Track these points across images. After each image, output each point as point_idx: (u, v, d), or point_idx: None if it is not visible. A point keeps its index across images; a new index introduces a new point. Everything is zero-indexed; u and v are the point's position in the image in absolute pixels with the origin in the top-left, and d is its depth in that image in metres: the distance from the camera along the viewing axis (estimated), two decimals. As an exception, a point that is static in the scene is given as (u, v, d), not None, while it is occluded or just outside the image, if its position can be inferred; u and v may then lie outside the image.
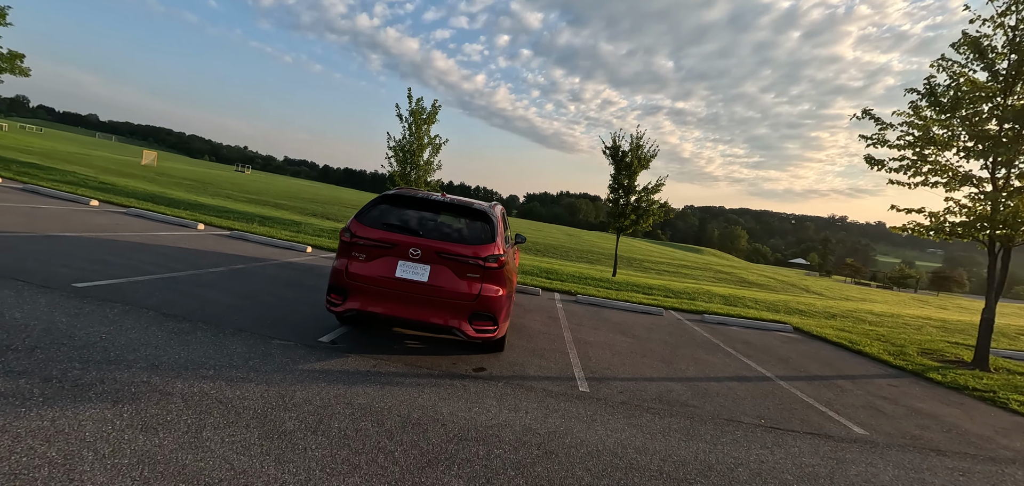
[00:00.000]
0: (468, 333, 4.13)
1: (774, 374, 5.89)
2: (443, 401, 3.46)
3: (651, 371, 5.23)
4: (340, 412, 2.99)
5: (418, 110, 18.32)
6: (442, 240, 4.17)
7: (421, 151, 18.82)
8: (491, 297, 4.21)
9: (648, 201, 17.54)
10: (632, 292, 11.75)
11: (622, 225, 17.74)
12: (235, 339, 3.92)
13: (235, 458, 2.30)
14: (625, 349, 6.02)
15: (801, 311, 12.67)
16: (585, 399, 4.05)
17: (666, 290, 13.18)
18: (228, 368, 3.32)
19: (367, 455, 2.56)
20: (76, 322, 3.59)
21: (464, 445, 2.88)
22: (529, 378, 4.33)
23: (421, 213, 4.41)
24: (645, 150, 17.52)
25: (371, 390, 3.42)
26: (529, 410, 3.58)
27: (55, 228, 7.03)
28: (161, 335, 3.68)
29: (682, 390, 4.73)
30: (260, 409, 2.83)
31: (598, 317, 7.89)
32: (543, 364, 4.80)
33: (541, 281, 10.74)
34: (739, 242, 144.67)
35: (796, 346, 7.94)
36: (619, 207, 17.59)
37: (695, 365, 5.76)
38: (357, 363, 3.90)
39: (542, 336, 5.94)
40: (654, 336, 7.08)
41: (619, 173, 17.36)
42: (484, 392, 3.77)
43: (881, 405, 5.25)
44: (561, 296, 9.49)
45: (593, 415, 3.71)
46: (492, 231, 4.37)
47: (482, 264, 4.14)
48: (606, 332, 6.83)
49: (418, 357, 4.32)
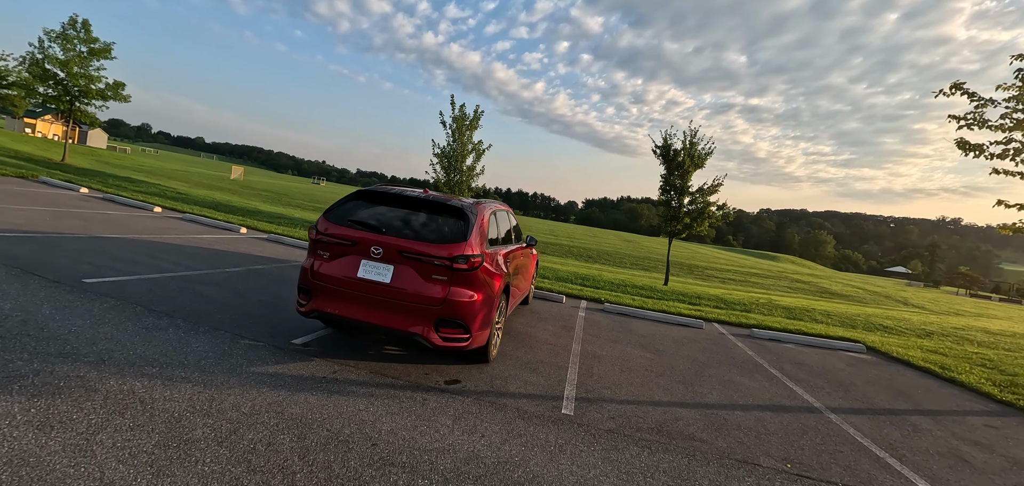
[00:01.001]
0: (433, 341, 3.77)
1: (824, 404, 4.86)
2: (389, 417, 3.12)
3: (662, 394, 4.51)
4: (264, 422, 2.76)
5: (461, 117, 18.50)
6: (406, 238, 3.85)
7: (464, 157, 18.98)
8: (461, 302, 3.82)
9: (704, 203, 16.19)
10: (675, 301, 10.70)
11: (675, 229, 16.51)
12: (203, 337, 3.90)
13: (112, 466, 2.12)
14: (640, 366, 5.31)
15: (886, 328, 10.76)
16: (563, 424, 3.51)
17: (718, 300, 11.89)
18: (175, 367, 3.25)
19: (262, 475, 2.28)
20: (58, 315, 3.75)
21: (384, 471, 2.51)
22: (506, 395, 3.86)
23: (391, 209, 4.13)
24: (700, 148, 16.21)
25: (314, 399, 3.17)
26: (487, 433, 3.14)
27: (106, 230, 7.78)
28: (132, 330, 3.74)
29: (694, 419, 3.99)
30: (178, 413, 2.68)
31: (622, 328, 7.16)
32: (531, 379, 4.31)
33: (572, 288, 10.12)
34: (824, 248, 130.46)
35: (865, 370, 6.61)
36: (671, 210, 16.41)
37: (721, 389, 4.92)
38: (317, 368, 3.70)
39: (545, 347, 5.42)
40: (682, 352, 6.24)
41: (671, 173, 16.18)
42: (443, 409, 3.39)
43: (968, 453, 4.08)
44: (588, 304, 8.82)
45: (563, 445, 3.17)
46: (465, 230, 3.98)
47: (449, 265, 3.77)
48: (624, 346, 6.13)
49: (389, 365, 4.04)
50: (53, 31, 17.18)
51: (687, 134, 16.12)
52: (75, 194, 11.26)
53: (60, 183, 12.04)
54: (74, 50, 17.45)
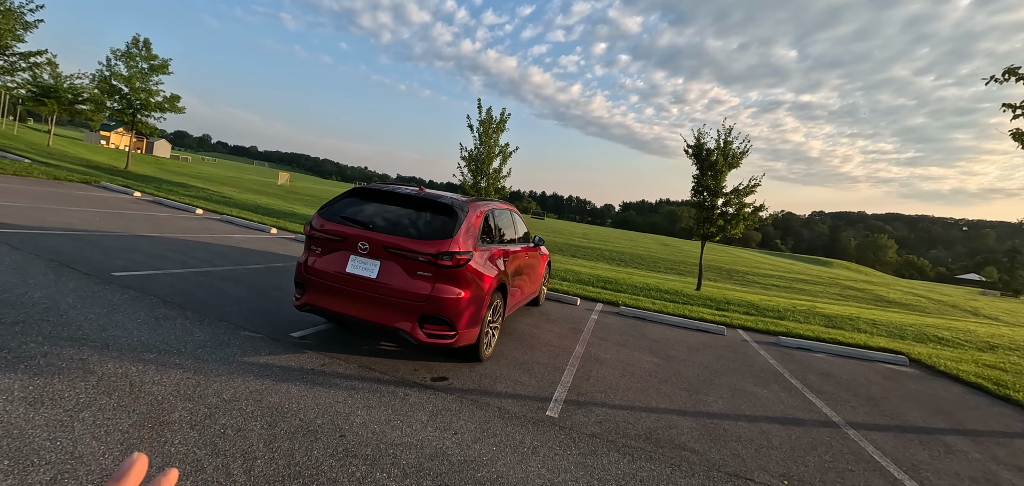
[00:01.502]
0: (418, 337, 3.78)
1: (844, 419, 4.46)
2: (366, 410, 3.16)
3: (660, 400, 4.31)
4: (240, 409, 2.87)
5: (487, 120, 18.66)
6: (392, 234, 3.89)
7: (491, 160, 19.12)
8: (446, 299, 3.81)
9: (739, 204, 15.46)
10: (701, 306, 10.23)
11: (708, 232, 15.88)
12: (207, 327, 4.11)
13: (86, 442, 2.27)
14: (643, 371, 5.10)
15: (942, 339, 9.78)
16: (544, 426, 3.42)
17: (749, 306, 11.26)
18: (172, 354, 3.45)
19: (224, 458, 2.36)
20: (80, 304, 4.08)
21: (344, 462, 2.54)
22: (492, 394, 3.82)
23: (383, 206, 4.20)
24: (735, 147, 15.52)
25: (295, 390, 3.26)
26: (460, 432, 3.11)
27: (147, 230, 8.41)
28: (142, 319, 4.00)
29: (689, 428, 3.78)
30: (162, 396, 2.83)
31: (634, 332, 6.92)
32: (522, 380, 4.24)
33: (590, 290, 9.90)
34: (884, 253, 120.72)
35: (903, 384, 6.02)
36: (704, 211, 15.79)
37: (730, 398, 4.63)
38: (307, 360, 3.81)
39: (545, 349, 5.32)
40: (694, 358, 5.94)
41: (703, 174, 15.60)
42: (422, 405, 3.39)
43: (1007, 479, 3.61)
44: (604, 307, 8.60)
45: (538, 447, 3.09)
46: (452, 227, 3.97)
47: (434, 261, 3.77)
48: (632, 350, 5.91)
49: (379, 360, 4.10)
50: (119, 50, 18.96)
51: (721, 132, 15.47)
52: (128, 197, 12.31)
53: (117, 188, 13.20)
54: (136, 67, 19.15)
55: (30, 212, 7.90)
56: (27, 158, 16.31)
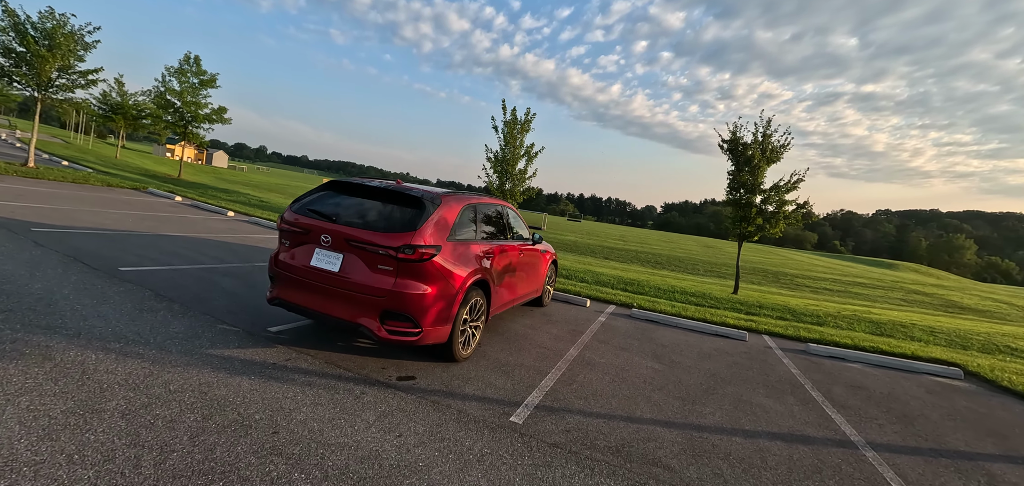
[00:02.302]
0: (379, 333, 3.65)
1: (866, 438, 3.87)
2: (312, 407, 3.06)
3: (648, 410, 3.93)
4: (181, 401, 2.84)
5: (512, 121, 18.53)
6: (355, 227, 3.79)
7: (516, 161, 18.96)
8: (408, 294, 3.66)
9: (779, 201, 14.42)
10: (727, 310, 9.51)
11: (745, 232, 14.94)
12: (186, 320, 4.19)
13: (9, 426, 2.29)
14: (637, 378, 4.72)
15: (1015, 350, 8.52)
16: (502, 432, 3.17)
17: (784, 311, 10.36)
18: (140, 344, 3.51)
19: (139, 450, 2.31)
20: (74, 295, 4.28)
21: (265, 460, 2.42)
22: (458, 396, 3.62)
23: (353, 199, 4.11)
24: (774, 140, 14.52)
25: (247, 383, 3.21)
26: (405, 434, 2.93)
27: (173, 230, 8.91)
28: (127, 311, 4.13)
29: (673, 442, 3.40)
30: (108, 385, 2.85)
31: (641, 336, 6.48)
32: (496, 382, 4.01)
33: (606, 292, 9.45)
34: (962, 255, 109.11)
35: (951, 400, 5.21)
36: (740, 210, 14.86)
37: (730, 410, 4.17)
38: (272, 355, 3.78)
39: (535, 351, 5.06)
40: (702, 365, 5.45)
41: (740, 170, 14.69)
42: (374, 405, 3.24)
43: (1069, 525, 2.94)
44: (616, 309, 8.17)
45: (486, 455, 2.85)
46: (417, 220, 3.82)
47: (395, 255, 3.63)
48: (633, 354, 5.51)
49: (348, 357, 4.01)
50: (172, 67, 20.58)
51: (759, 125, 14.51)
52: (169, 201, 13.21)
53: (162, 193, 14.22)
54: (187, 82, 20.69)
55: (70, 214, 8.59)
56: (90, 168, 17.99)
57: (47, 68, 12.15)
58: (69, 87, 12.93)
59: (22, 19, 11.96)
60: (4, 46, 11.81)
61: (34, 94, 12.61)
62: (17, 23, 11.87)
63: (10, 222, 6.77)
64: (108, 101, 25.27)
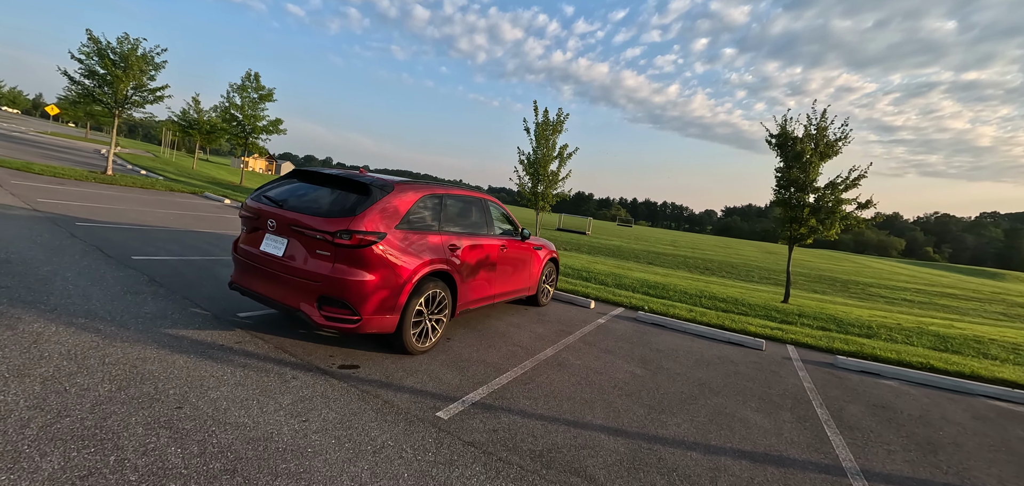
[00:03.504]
0: (315, 319, 3.63)
1: (863, 466, 3.24)
2: (231, 387, 3.07)
3: (604, 417, 3.58)
4: (107, 372, 2.96)
5: (544, 122, 18.30)
6: (298, 211, 3.81)
7: (548, 163, 18.69)
8: (346, 280, 3.61)
9: (835, 200, 13.00)
10: (756, 318, 8.61)
11: (796, 234, 13.64)
12: (163, 303, 4.44)
13: (-65, 388, 2.50)
14: (609, 382, 4.34)
15: None
16: (418, 426, 3.01)
17: (827, 320, 9.21)
18: (103, 321, 3.73)
19: (36, 412, 2.42)
20: (74, 277, 4.70)
21: (153, 432, 2.45)
22: (392, 387, 3.50)
23: (307, 186, 4.16)
24: (830, 133, 13.19)
25: (182, 361, 3.30)
26: (312, 421, 2.86)
27: (206, 227, 9.65)
28: (111, 292, 4.46)
29: (613, 452, 3.06)
30: (49, 353, 3.04)
31: (637, 340, 6.01)
32: (445, 377, 3.84)
33: (621, 294, 8.93)
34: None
35: (1003, 429, 4.26)
36: (791, 210, 13.58)
37: (704, 423, 3.69)
38: (226, 338, 3.87)
39: (507, 348, 4.83)
40: (693, 373, 4.93)
41: (789, 167, 13.44)
42: (296, 389, 3.21)
43: None
44: (624, 311, 7.67)
45: (385, 447, 2.71)
46: (361, 206, 3.77)
47: (331, 239, 3.60)
48: (616, 358, 5.11)
49: (299, 343, 4.03)
50: (235, 84, 22.71)
51: (812, 118, 13.21)
52: (218, 204, 14.43)
53: (215, 197, 15.59)
54: (248, 96, 22.70)
55: (119, 212, 9.58)
56: (162, 176, 20.18)
57: (122, 87, 13.83)
58: (141, 103, 14.60)
59: (103, 44, 13.71)
60: (89, 69, 13.60)
61: (112, 110, 14.39)
62: (100, 48, 13.63)
63: (61, 217, 7.67)
64: (187, 117, 28.39)
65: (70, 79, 13.62)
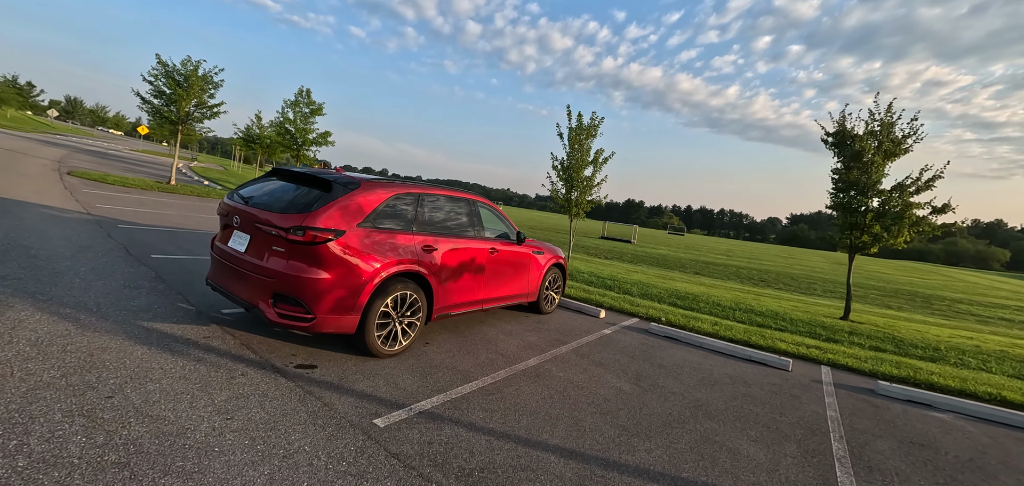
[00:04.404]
0: (269, 316, 3.59)
1: (871, 518, 2.62)
2: (172, 380, 3.08)
3: (564, 437, 3.23)
4: (60, 359, 3.06)
5: (578, 126, 17.90)
6: (260, 208, 3.82)
7: (581, 168, 18.21)
8: (297, 276, 3.55)
9: (903, 204, 11.50)
10: (795, 335, 7.66)
11: (857, 242, 12.20)
12: (154, 297, 4.64)
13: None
14: (587, 398, 3.95)
15: None
16: (348, 432, 2.85)
17: (885, 339, 8.01)
18: (87, 312, 3.93)
19: (-26, 398, 2.53)
20: (86, 271, 5.05)
21: (67, 419, 2.47)
22: (340, 390, 3.38)
23: (278, 183, 4.19)
24: (897, 129, 11.80)
25: (140, 352, 3.37)
26: (238, 418, 2.78)
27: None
28: (113, 286, 4.74)
29: (558, 476, 2.73)
30: (16, 338, 3.20)
31: (641, 353, 5.50)
32: (403, 382, 3.67)
33: (639, 304, 8.34)
34: None
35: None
36: (850, 215, 12.20)
37: (683, 452, 3.23)
38: (198, 333, 3.94)
39: (487, 356, 4.58)
40: (692, 394, 4.39)
41: (848, 168, 12.12)
42: (238, 386, 3.16)
43: None
44: (638, 321, 7.13)
45: (297, 452, 2.57)
46: (317, 202, 3.71)
47: (285, 235, 3.56)
48: (607, 372, 4.68)
49: (264, 340, 4.02)
50: (289, 100, 24.42)
51: (874, 113, 11.84)
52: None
53: (261, 203, 16.73)
54: (300, 111, 24.29)
55: (162, 216, 10.41)
56: (222, 186, 21.98)
57: (184, 104, 15.26)
58: (200, 119, 16.02)
59: (170, 67, 15.23)
60: (157, 89, 15.16)
61: (176, 125, 15.92)
62: (167, 70, 15.14)
63: (107, 220, 8.46)
64: (250, 133, 30.98)
65: (141, 98, 15.28)
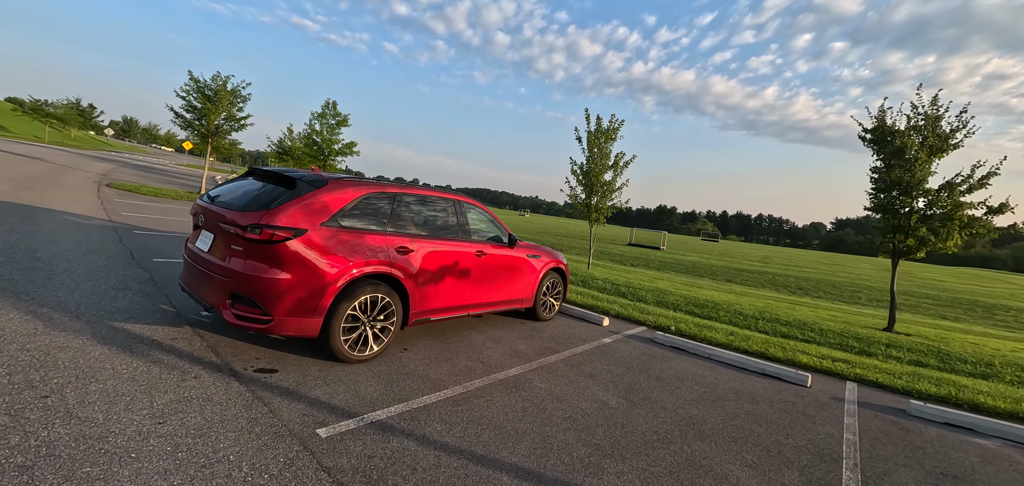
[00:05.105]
0: (227, 317, 3.49)
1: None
2: (119, 382, 2.99)
3: (525, 456, 2.94)
4: (15, 357, 3.04)
5: (597, 130, 17.49)
6: (223, 207, 3.74)
7: (601, 172, 17.75)
8: (255, 276, 3.43)
9: (953, 204, 10.50)
10: (822, 346, 6.96)
11: (902, 246, 11.23)
12: (138, 299, 4.67)
13: None
14: (565, 413, 3.63)
15: None
16: (284, 442, 2.66)
17: (930, 353, 7.14)
18: (65, 312, 3.96)
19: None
20: (84, 272, 5.17)
21: None
22: (294, 396, 3.21)
23: (247, 182, 4.11)
24: (944, 125, 10.91)
25: (99, 352, 3.33)
26: (171, 423, 2.65)
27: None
28: (103, 289, 4.80)
29: (499, 494, 2.42)
30: (-17, 342, 3.25)
31: (639, 364, 5.09)
32: (364, 389, 3.47)
33: (650, 313, 7.85)
34: None
35: None
36: (893, 218, 11.27)
37: (658, 476, 2.86)
38: (167, 335, 3.89)
39: (464, 364, 4.33)
40: (686, 412, 3.97)
41: (889, 167, 11.23)
42: (183, 390, 3.05)
43: None
44: (643, 330, 6.68)
45: (219, 462, 2.39)
46: (280, 200, 3.59)
47: (242, 234, 3.45)
48: (595, 384, 4.32)
49: (233, 343, 3.93)
50: (316, 112, 25.29)
51: (919, 107, 10.95)
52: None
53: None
54: (326, 123, 25.09)
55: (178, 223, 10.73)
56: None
57: (213, 118, 15.99)
58: (228, 131, 16.74)
59: (201, 83, 16.02)
60: (189, 104, 15.97)
61: (206, 138, 16.70)
62: (198, 85, 15.93)
63: (125, 226, 8.82)
64: (282, 145, 32.31)
65: (174, 112, 16.15)
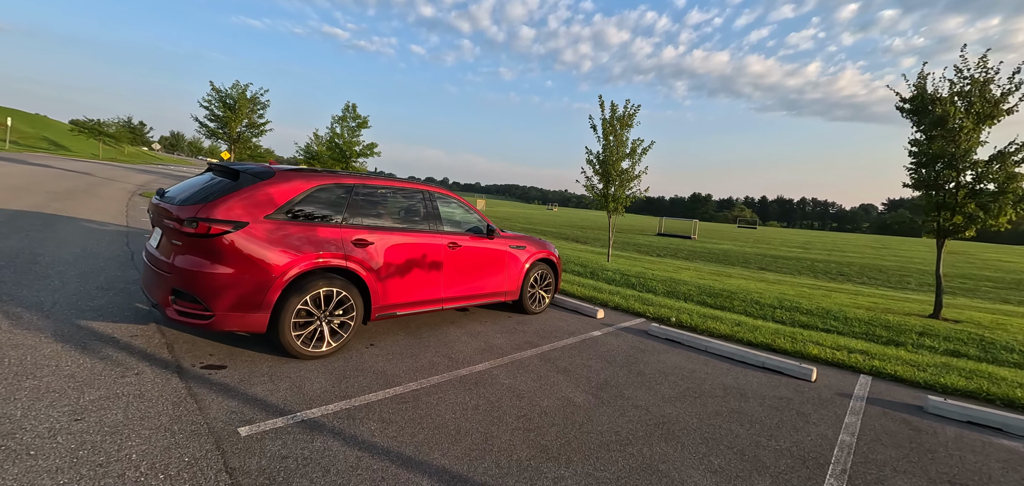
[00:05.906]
0: (168, 313, 3.44)
1: None
2: (57, 378, 2.98)
3: (462, 455, 2.72)
4: (-31, 359, 3.13)
5: (611, 117, 16.90)
6: (169, 202, 3.70)
7: (618, 161, 17.15)
8: (194, 271, 3.37)
9: (1004, 177, 9.49)
10: (841, 336, 6.30)
11: (946, 224, 10.29)
12: (116, 297, 4.74)
13: None
14: (517, 411, 3.38)
15: None
16: (197, 440, 2.56)
17: (972, 341, 6.33)
18: (33, 311, 4.03)
19: None
20: (75, 274, 5.34)
21: (-91, 421, 2.42)
22: (231, 393, 3.12)
23: (203, 178, 4.07)
24: (994, 89, 9.91)
25: (53, 349, 3.35)
26: (87, 420, 2.60)
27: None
28: (87, 290, 4.91)
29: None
30: (-55, 342, 3.35)
31: (623, 359, 4.74)
32: (308, 385, 3.35)
33: (650, 304, 7.41)
34: None
35: None
36: (936, 195, 10.33)
37: (602, 482, 2.56)
38: (129, 333, 3.88)
39: (428, 359, 4.15)
40: (660, 409, 3.61)
41: (931, 138, 10.26)
42: (116, 387, 3.01)
43: None
44: (639, 322, 6.29)
45: (115, 461, 2.30)
46: (221, 192, 3.51)
47: (180, 228, 3.39)
48: (565, 379, 4.04)
49: (192, 340, 3.89)
50: (337, 115, 25.89)
51: (964, 70, 9.93)
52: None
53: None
54: (347, 125, 25.64)
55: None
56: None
57: (233, 125, 16.63)
58: (249, 138, 17.38)
59: (223, 92, 16.69)
60: (212, 112, 16.68)
61: (229, 145, 17.41)
62: (219, 94, 16.61)
63: (136, 230, 9.19)
64: (309, 150, 33.38)
65: (199, 122, 16.92)
